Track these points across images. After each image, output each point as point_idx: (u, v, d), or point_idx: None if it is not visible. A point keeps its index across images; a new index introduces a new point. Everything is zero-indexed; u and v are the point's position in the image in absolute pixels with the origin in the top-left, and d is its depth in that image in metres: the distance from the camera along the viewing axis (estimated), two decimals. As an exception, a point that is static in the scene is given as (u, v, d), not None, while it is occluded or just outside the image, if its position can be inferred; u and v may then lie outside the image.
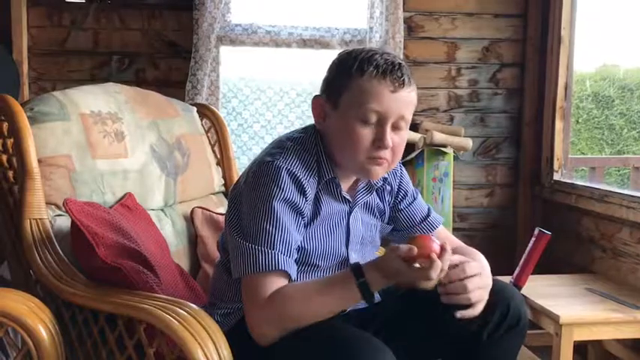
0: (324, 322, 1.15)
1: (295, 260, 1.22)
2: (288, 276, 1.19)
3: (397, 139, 1.24)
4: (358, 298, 1.15)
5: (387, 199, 1.41)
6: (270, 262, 1.16)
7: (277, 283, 1.17)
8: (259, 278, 1.17)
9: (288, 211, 1.20)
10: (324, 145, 1.28)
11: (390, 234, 1.47)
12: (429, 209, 1.45)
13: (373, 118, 1.20)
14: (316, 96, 1.29)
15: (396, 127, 1.23)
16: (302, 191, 1.22)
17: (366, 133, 1.21)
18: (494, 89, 2.81)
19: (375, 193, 1.38)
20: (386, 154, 1.23)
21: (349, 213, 1.33)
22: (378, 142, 1.21)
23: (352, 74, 1.20)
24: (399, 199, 1.43)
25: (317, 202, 1.28)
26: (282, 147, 1.27)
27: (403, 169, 1.45)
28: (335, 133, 1.25)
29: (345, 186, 1.32)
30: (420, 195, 1.47)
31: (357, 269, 1.15)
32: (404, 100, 1.22)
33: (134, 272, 1.31)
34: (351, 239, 1.33)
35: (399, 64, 1.21)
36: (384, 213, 1.42)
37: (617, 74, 6.09)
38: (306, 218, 1.25)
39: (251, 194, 1.22)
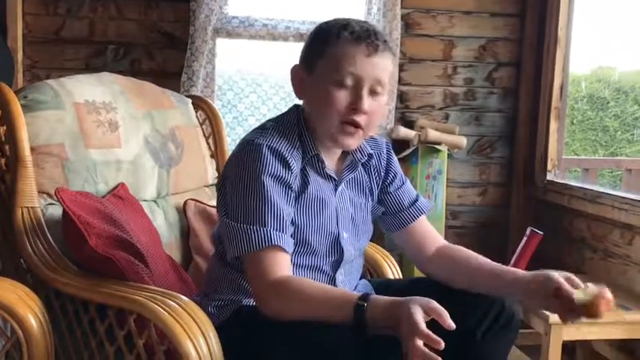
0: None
1: (291, 235, 1.22)
2: (284, 251, 1.20)
3: (374, 105, 1.24)
4: (349, 314, 1.10)
5: (374, 176, 1.40)
6: (263, 240, 1.17)
7: (274, 258, 1.18)
8: (258, 257, 1.18)
9: (275, 186, 1.21)
10: (306, 122, 1.29)
11: (380, 218, 1.45)
12: (417, 195, 1.45)
13: (349, 81, 1.21)
14: (293, 66, 1.30)
15: (373, 92, 1.23)
16: (285, 165, 1.23)
17: (342, 96, 1.21)
18: (490, 88, 2.82)
19: (362, 169, 1.38)
20: (361, 119, 1.23)
21: (335, 190, 1.33)
22: (354, 104, 1.21)
23: (328, 40, 1.22)
24: (388, 181, 1.42)
25: (304, 177, 1.28)
26: (262, 127, 1.30)
27: (391, 151, 1.45)
28: (311, 99, 1.27)
29: (330, 163, 1.32)
30: (408, 181, 1.47)
31: (366, 296, 1.12)
32: (379, 65, 1.22)
33: (125, 263, 1.31)
34: (339, 217, 1.33)
35: (374, 30, 1.23)
36: (373, 192, 1.41)
37: (612, 76, 6.11)
38: (294, 192, 1.25)
39: (235, 175, 1.23)
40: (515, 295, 1.26)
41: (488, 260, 1.34)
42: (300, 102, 1.34)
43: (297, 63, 1.30)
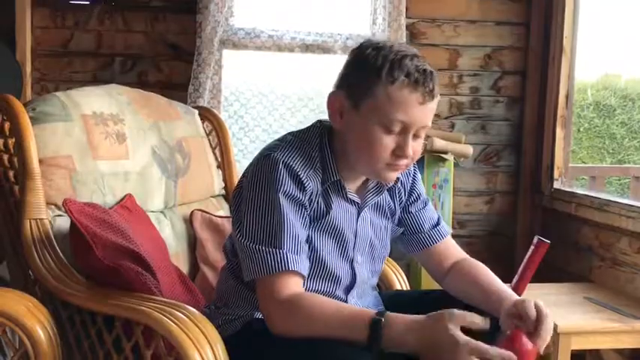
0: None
1: (307, 256, 1.19)
2: (299, 274, 1.17)
3: (416, 146, 1.21)
4: (363, 336, 1.07)
5: (397, 197, 1.37)
6: (279, 264, 1.14)
7: (290, 282, 1.15)
8: (271, 280, 1.15)
9: (290, 205, 1.17)
10: (331, 143, 1.25)
11: (399, 239, 1.42)
12: (438, 218, 1.42)
13: (397, 128, 1.17)
14: (334, 92, 1.23)
15: (416, 136, 1.21)
16: (300, 184, 1.18)
17: (388, 142, 1.17)
18: (496, 97, 2.82)
19: (386, 192, 1.34)
20: (404, 162, 1.21)
21: (357, 214, 1.29)
22: (399, 151, 1.18)
23: (381, 79, 1.14)
24: (410, 201, 1.39)
25: (326, 201, 1.24)
26: (282, 140, 1.25)
27: (417, 171, 1.41)
28: (354, 135, 1.21)
29: (353, 186, 1.29)
30: (430, 203, 1.44)
31: (382, 312, 1.10)
32: (429, 110, 1.19)
33: (133, 273, 1.31)
34: (358, 241, 1.30)
35: (431, 72, 1.17)
36: (395, 213, 1.38)
37: (618, 84, 6.10)
38: (310, 212, 1.22)
39: (251, 191, 1.19)
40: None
41: (491, 280, 1.30)
42: (321, 119, 1.30)
43: (338, 89, 1.23)
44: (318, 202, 1.23)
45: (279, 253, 1.14)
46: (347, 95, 1.20)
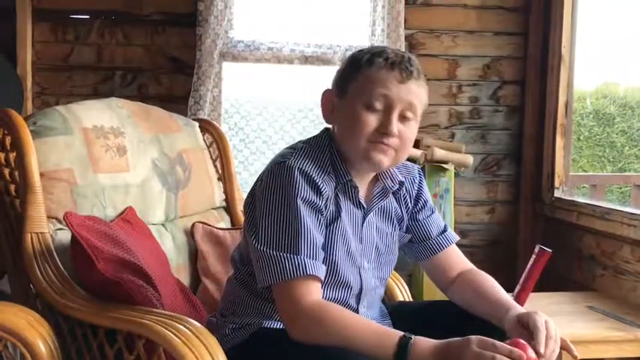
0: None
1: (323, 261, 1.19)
2: (317, 279, 1.17)
3: (404, 129, 1.22)
4: (390, 353, 1.08)
5: (404, 204, 1.37)
6: (297, 269, 1.14)
7: (311, 287, 1.16)
8: (290, 285, 1.15)
9: (307, 211, 1.18)
10: (337, 147, 1.27)
11: (406, 246, 1.42)
12: (445, 225, 1.43)
13: (379, 105, 1.19)
14: (325, 90, 1.29)
15: (403, 117, 1.21)
16: (317, 190, 1.20)
17: (371, 119, 1.20)
18: (495, 106, 2.83)
19: (393, 197, 1.35)
20: (391, 141, 1.21)
21: (363, 219, 1.30)
22: (383, 128, 1.19)
23: (361, 65, 1.22)
24: (418, 208, 1.39)
25: (337, 204, 1.25)
26: (293, 148, 1.27)
27: (423, 178, 1.42)
28: (341, 121, 1.25)
29: (361, 190, 1.29)
30: (437, 211, 1.45)
31: (409, 335, 1.10)
32: (411, 91, 1.21)
33: (134, 286, 1.31)
34: (364, 246, 1.30)
35: (409, 57, 1.22)
36: (403, 220, 1.38)
37: (617, 92, 6.12)
38: (326, 218, 1.22)
39: (266, 198, 1.20)
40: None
41: (496, 292, 1.30)
42: (329, 126, 1.33)
43: (329, 88, 1.29)
44: (331, 207, 1.24)
45: (297, 258, 1.15)
46: (335, 89, 1.28)
